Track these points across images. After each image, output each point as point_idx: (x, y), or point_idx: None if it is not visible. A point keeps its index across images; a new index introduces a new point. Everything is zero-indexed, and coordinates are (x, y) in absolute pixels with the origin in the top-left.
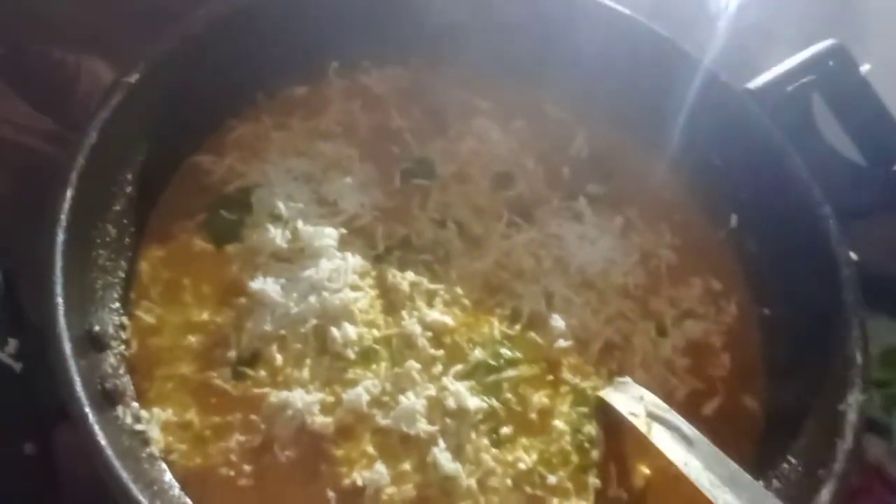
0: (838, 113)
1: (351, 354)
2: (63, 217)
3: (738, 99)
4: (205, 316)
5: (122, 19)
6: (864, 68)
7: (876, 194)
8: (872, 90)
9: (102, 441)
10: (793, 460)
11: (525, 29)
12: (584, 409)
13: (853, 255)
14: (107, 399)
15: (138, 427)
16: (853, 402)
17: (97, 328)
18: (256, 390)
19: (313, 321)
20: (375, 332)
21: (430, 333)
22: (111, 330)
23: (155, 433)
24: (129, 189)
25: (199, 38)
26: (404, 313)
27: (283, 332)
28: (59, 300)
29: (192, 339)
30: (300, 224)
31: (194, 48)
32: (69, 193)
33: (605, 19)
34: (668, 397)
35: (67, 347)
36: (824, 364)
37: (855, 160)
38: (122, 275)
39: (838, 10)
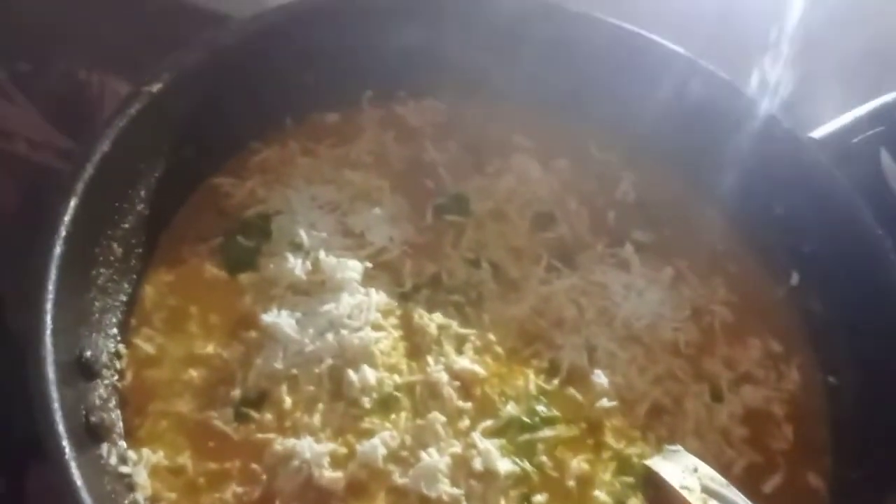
0: None
1: (368, 402)
2: (63, 228)
3: (805, 147)
4: (210, 349)
5: (148, 42)
6: None
7: None
8: None
9: (78, 481)
10: None
11: (569, 63)
12: (629, 479)
13: None
14: (91, 434)
15: (123, 469)
16: None
17: (89, 353)
18: (260, 435)
19: (329, 361)
20: (397, 378)
21: (457, 383)
22: (105, 358)
23: (141, 478)
24: (140, 206)
25: (229, 51)
26: (430, 359)
27: (294, 371)
28: (48, 317)
29: (194, 373)
30: (322, 255)
31: (223, 61)
32: (73, 203)
33: (658, 57)
34: (724, 470)
35: (50, 371)
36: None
37: None
38: (124, 298)
39: None
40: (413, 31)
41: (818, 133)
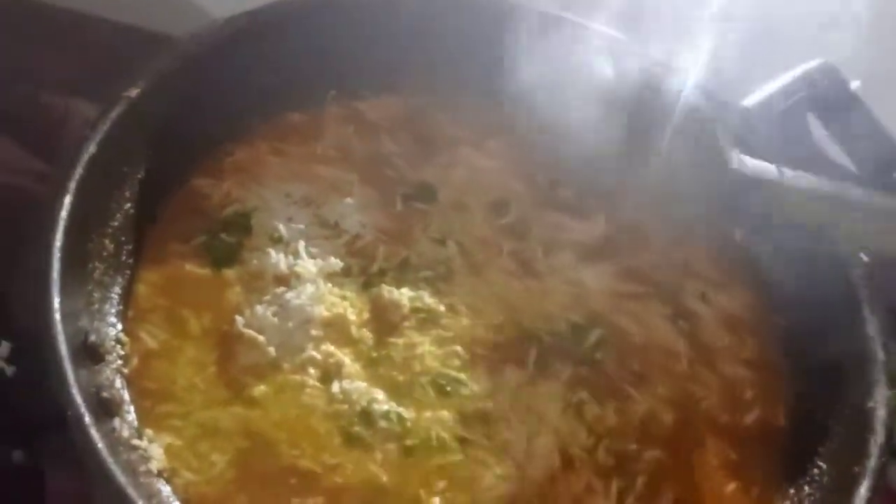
0: (831, 128)
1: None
2: (62, 222)
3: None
4: (209, 350)
5: (108, 65)
6: (855, 84)
7: None
8: (864, 104)
9: (99, 443)
10: (823, 465)
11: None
12: None
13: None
14: (103, 409)
15: (136, 442)
16: (880, 399)
17: (94, 338)
18: None
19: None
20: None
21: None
22: (108, 344)
23: (156, 452)
24: (127, 206)
25: (199, 56)
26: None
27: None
28: (56, 301)
29: (199, 371)
30: (302, 246)
31: (194, 67)
32: (68, 199)
33: (582, 38)
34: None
35: (64, 348)
36: (845, 365)
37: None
38: (120, 292)
39: (820, 31)
40: (374, 30)
41: (747, 102)
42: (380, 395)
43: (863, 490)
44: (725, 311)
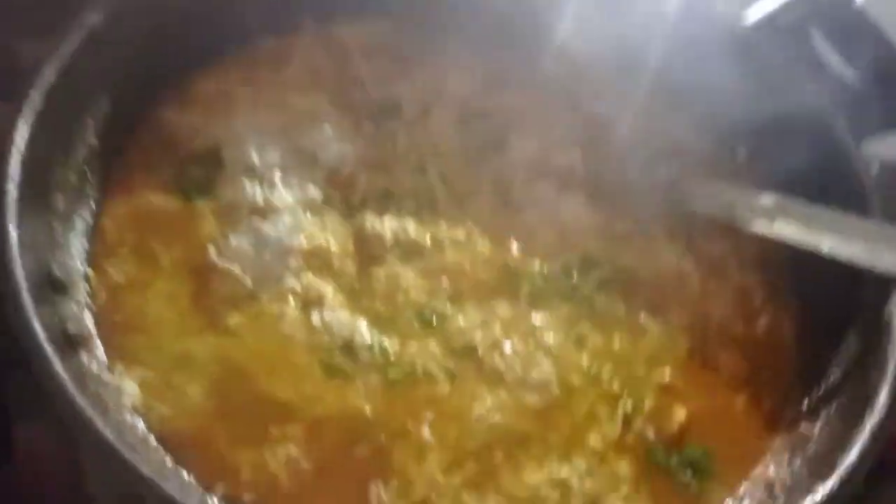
0: (836, 42)
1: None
2: (17, 151)
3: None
4: (181, 282)
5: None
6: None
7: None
8: (868, 17)
9: (64, 376)
10: (837, 373)
11: None
12: None
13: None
14: (69, 343)
15: (107, 377)
16: None
17: (58, 272)
18: None
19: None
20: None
21: None
22: (74, 277)
23: (129, 387)
24: (90, 138)
25: None
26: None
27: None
28: (13, 230)
29: (170, 306)
30: (278, 176)
31: None
32: (24, 128)
33: None
34: None
35: (21, 278)
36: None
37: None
38: (85, 225)
39: None
40: None
41: (750, 17)
42: (362, 326)
43: (882, 397)
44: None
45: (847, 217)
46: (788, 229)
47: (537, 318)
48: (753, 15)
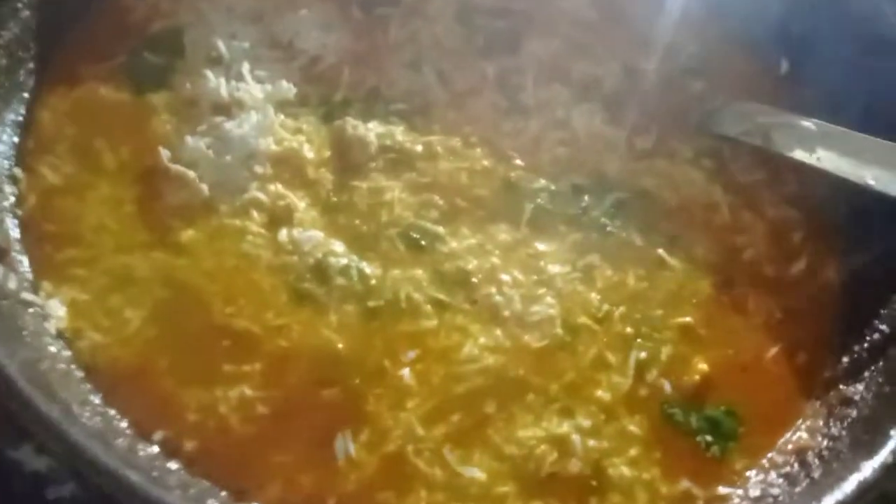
0: None
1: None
2: None
3: None
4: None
5: None
6: None
7: None
8: None
9: None
10: (885, 329)
11: None
12: None
13: None
14: None
15: (28, 297)
16: None
17: None
18: None
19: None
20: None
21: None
22: None
23: (56, 309)
24: (24, 12)
25: None
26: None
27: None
28: None
29: (112, 213)
30: (246, 68)
31: None
32: None
33: None
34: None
35: None
36: None
37: None
38: (15, 118)
39: None
40: None
41: None
42: (338, 246)
43: None
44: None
45: None
46: (831, 159)
47: (541, 245)
48: None
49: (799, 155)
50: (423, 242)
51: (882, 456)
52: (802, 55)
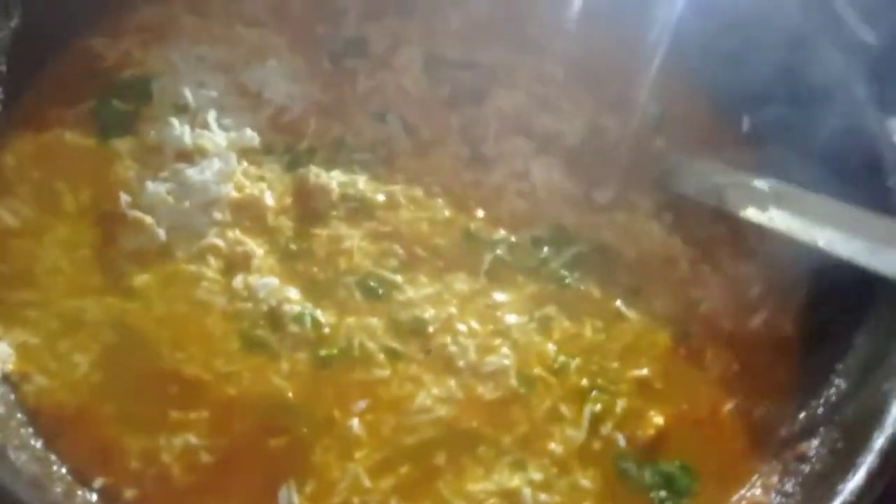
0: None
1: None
2: None
3: None
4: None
5: None
6: None
7: None
8: None
9: None
10: (841, 384)
11: None
12: None
13: None
14: None
15: None
16: None
17: None
18: None
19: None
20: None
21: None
22: None
23: (4, 352)
24: None
25: None
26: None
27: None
28: None
29: (68, 256)
30: (212, 116)
31: None
32: None
33: None
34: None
35: None
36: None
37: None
38: None
39: None
40: None
41: None
42: (294, 294)
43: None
44: None
45: (851, 209)
46: (783, 219)
47: (499, 295)
48: None
49: (752, 214)
50: (380, 291)
51: None
52: (764, 113)
